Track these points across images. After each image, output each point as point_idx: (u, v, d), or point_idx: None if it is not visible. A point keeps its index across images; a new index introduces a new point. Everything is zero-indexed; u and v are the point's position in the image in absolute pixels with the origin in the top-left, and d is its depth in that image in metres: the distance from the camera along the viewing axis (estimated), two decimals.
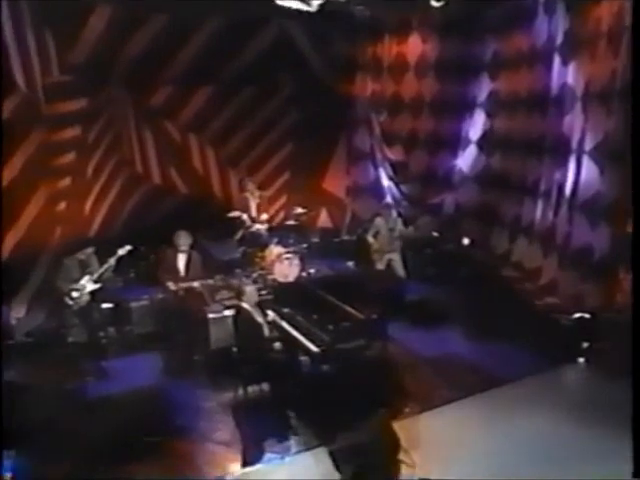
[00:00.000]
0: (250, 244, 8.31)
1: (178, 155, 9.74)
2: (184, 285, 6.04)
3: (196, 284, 6.03)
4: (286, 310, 5.84)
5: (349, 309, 5.37)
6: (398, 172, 10.05)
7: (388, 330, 5.96)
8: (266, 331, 5.46)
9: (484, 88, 9.24)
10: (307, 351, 5.23)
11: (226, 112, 9.77)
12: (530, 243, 8.18)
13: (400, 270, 7.61)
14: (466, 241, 8.58)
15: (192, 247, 6.20)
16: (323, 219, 10.52)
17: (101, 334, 6.52)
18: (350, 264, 8.68)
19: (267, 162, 10.32)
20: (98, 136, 8.67)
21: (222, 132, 9.87)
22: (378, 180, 10.35)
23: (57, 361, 5.91)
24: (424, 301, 7.49)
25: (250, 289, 5.52)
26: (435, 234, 9.20)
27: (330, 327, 5.20)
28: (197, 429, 4.95)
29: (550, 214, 7.77)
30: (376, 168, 10.36)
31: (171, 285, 6.00)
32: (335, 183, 10.51)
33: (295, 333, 5.47)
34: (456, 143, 9.55)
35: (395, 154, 10.08)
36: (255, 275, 8.02)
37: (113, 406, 5.23)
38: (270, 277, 7.93)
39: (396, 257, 7.59)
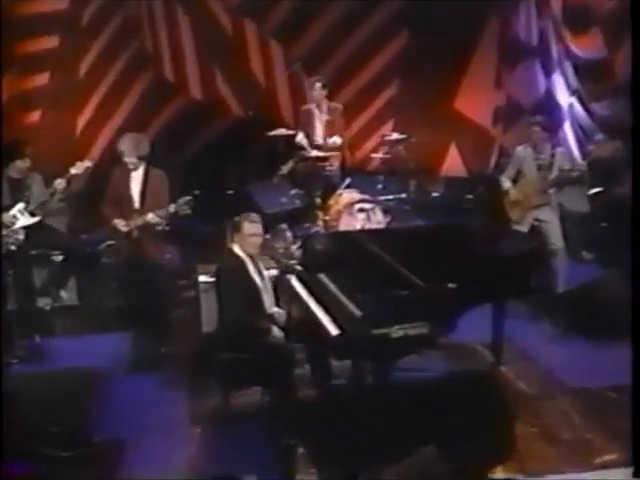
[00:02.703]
0: (307, 185, 8.20)
1: (227, 52, 9.78)
2: (140, 222, 5.94)
3: (155, 218, 5.80)
4: (307, 270, 5.59)
5: (408, 274, 4.80)
6: (590, 80, 9.26)
7: (500, 324, 5.73)
8: (267, 300, 5.21)
9: None
10: (324, 336, 4.81)
11: None
12: None
13: (555, 237, 7.07)
14: None
15: (148, 161, 6.09)
16: (451, 161, 10.16)
17: (40, 297, 6.60)
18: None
19: (364, 66, 10.12)
20: (98, 15, 8.92)
21: (293, 19, 9.80)
22: (551, 95, 9.81)
23: None
24: (598, 294, 6.74)
25: (249, 226, 5.16)
26: None
27: (360, 296, 4.71)
28: (142, 445, 4.90)
29: None
30: (549, 74, 9.83)
31: (120, 224, 5.91)
32: (475, 102, 10.09)
33: (313, 306, 5.10)
34: None
35: (586, 47, 9.21)
36: (313, 231, 7.94)
37: (38, 398, 5.32)
38: None
39: (549, 216, 7.11)
